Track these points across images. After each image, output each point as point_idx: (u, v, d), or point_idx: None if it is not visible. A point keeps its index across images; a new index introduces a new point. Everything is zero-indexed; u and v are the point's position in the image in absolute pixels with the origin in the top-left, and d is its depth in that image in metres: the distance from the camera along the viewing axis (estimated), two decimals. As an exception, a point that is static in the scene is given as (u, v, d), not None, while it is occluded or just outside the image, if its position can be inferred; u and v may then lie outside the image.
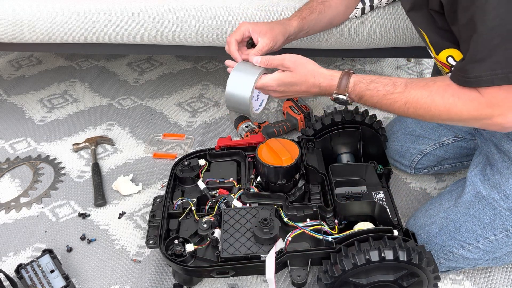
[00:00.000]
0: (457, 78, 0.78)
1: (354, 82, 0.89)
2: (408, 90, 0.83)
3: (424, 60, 1.79)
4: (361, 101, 0.89)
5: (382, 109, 0.89)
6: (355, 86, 0.89)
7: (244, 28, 1.01)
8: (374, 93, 0.87)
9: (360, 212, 0.96)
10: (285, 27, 1.04)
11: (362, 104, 0.92)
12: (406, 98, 0.83)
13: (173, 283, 1.03)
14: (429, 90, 0.81)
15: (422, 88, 0.82)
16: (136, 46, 1.32)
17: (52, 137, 1.52)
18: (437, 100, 0.80)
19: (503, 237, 0.90)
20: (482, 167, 0.96)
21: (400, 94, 0.84)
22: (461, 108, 0.78)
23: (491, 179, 0.92)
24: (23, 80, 1.83)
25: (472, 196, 0.93)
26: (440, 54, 0.88)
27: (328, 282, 0.85)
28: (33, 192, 1.32)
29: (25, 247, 1.15)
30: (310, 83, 0.92)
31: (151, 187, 1.31)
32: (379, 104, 0.87)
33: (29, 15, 1.27)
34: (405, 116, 0.88)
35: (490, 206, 0.90)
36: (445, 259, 0.96)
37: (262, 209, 0.97)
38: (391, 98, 0.85)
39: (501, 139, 0.93)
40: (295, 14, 1.08)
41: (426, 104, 0.81)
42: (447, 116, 0.81)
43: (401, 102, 0.84)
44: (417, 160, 1.22)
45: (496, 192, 0.90)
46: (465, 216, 0.93)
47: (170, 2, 1.22)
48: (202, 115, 1.58)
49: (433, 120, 0.85)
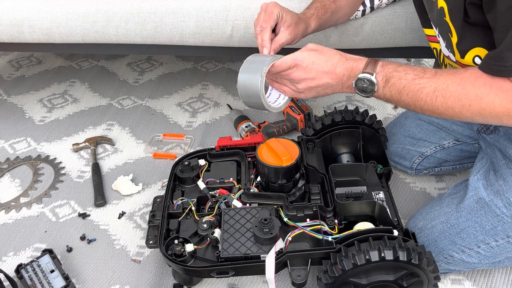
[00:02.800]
0: (489, 67, 0.73)
1: (382, 63, 0.83)
2: (438, 77, 0.78)
3: (424, 60, 1.79)
4: (388, 84, 0.82)
5: (408, 98, 0.80)
6: (383, 67, 0.82)
7: (277, 12, 0.93)
8: (403, 75, 0.80)
9: (360, 212, 0.96)
10: (306, 26, 0.99)
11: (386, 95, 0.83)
12: (435, 84, 0.77)
13: (173, 283, 1.03)
14: (459, 77, 0.76)
15: (452, 75, 0.77)
16: (136, 46, 1.32)
17: (52, 137, 1.52)
18: (468, 88, 0.75)
19: (504, 243, 0.89)
20: (485, 171, 0.94)
21: (429, 80, 0.78)
22: (493, 99, 0.73)
23: (494, 185, 0.90)
24: (23, 80, 1.83)
25: (474, 201, 0.91)
26: (467, 55, 0.83)
27: (328, 282, 0.85)
28: (33, 192, 1.32)
29: (25, 247, 1.15)
30: (336, 61, 0.84)
31: (151, 187, 1.31)
32: (406, 90, 0.80)
33: (29, 15, 1.27)
34: (432, 111, 0.80)
35: (492, 213, 0.89)
36: (445, 263, 0.96)
37: (262, 209, 0.97)
38: (420, 83, 0.78)
39: (506, 145, 0.92)
40: (313, 13, 1.03)
41: (456, 92, 0.75)
42: (478, 107, 0.74)
43: (430, 88, 0.78)
44: (418, 162, 1.22)
45: (499, 199, 0.88)
46: (467, 222, 0.91)
47: (170, 2, 1.22)
48: (202, 115, 1.58)
49: (462, 115, 0.77)
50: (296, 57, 0.84)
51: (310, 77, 0.85)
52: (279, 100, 0.95)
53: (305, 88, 0.87)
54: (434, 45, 0.98)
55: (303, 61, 0.84)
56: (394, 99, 0.82)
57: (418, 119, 1.20)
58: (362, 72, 0.82)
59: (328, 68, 0.84)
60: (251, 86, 0.85)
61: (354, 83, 0.83)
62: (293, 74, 0.85)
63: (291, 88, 0.89)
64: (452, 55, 0.87)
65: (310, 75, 0.85)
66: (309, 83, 0.86)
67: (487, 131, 1.00)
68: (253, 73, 0.85)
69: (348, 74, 0.84)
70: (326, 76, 0.84)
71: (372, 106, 1.58)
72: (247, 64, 0.87)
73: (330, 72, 0.84)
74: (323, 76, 0.84)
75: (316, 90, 0.87)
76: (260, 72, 0.84)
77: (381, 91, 0.83)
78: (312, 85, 0.86)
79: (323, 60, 0.84)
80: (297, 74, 0.85)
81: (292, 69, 0.85)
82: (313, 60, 0.84)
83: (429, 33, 0.99)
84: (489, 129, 0.99)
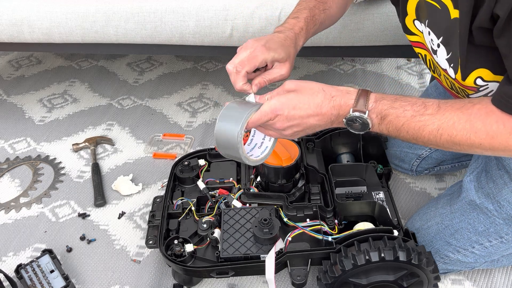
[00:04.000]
0: (502, 103, 0.66)
1: (376, 97, 0.74)
2: (442, 113, 0.70)
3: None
4: (384, 123, 0.74)
5: (408, 135, 0.73)
6: (376, 102, 0.73)
7: (262, 58, 0.81)
8: (401, 112, 0.72)
9: (360, 212, 0.96)
10: (295, 48, 0.88)
11: (382, 131, 0.75)
12: (439, 122, 0.70)
13: (173, 283, 1.03)
14: (467, 114, 0.68)
15: (458, 110, 0.69)
16: (135, 46, 1.32)
17: (52, 137, 1.52)
18: (477, 126, 0.68)
19: (498, 243, 0.89)
20: (478, 172, 0.94)
21: (431, 117, 0.70)
22: (507, 138, 0.66)
23: (485, 188, 0.89)
24: (23, 80, 1.83)
25: (466, 203, 0.92)
26: (468, 77, 0.76)
27: (328, 282, 0.85)
28: (33, 192, 1.31)
29: (25, 247, 1.15)
30: (320, 99, 0.75)
31: (151, 187, 1.31)
32: (405, 128, 0.73)
33: (28, 15, 1.27)
34: (436, 146, 0.73)
35: (484, 215, 0.89)
36: (442, 262, 0.96)
37: (262, 209, 0.97)
38: (421, 121, 0.71)
39: None
40: (302, 27, 0.90)
41: (464, 130, 0.68)
42: (489, 146, 0.68)
43: (433, 126, 0.70)
44: (416, 164, 1.22)
45: (490, 202, 0.88)
46: (460, 223, 0.92)
47: (170, 2, 1.22)
48: (202, 115, 1.58)
49: (471, 151, 0.71)
50: (275, 107, 0.75)
51: (295, 123, 0.76)
52: (265, 142, 0.86)
53: (291, 134, 0.79)
54: (419, 50, 0.91)
55: (282, 109, 0.75)
56: (392, 135, 0.76)
57: None
58: (353, 110, 0.74)
59: (313, 111, 0.75)
60: (230, 140, 0.77)
61: (345, 122, 0.76)
62: (275, 124, 0.77)
63: (276, 133, 0.81)
64: (453, 71, 0.79)
65: (294, 122, 0.76)
66: (294, 129, 0.78)
67: None
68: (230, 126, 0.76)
69: (337, 113, 0.76)
70: (311, 119, 0.76)
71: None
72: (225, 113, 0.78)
73: (316, 114, 0.76)
74: (308, 119, 0.76)
75: (304, 132, 0.79)
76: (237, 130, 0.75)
77: (376, 128, 0.76)
78: (298, 130, 0.78)
79: (305, 102, 0.75)
80: (280, 124, 0.77)
81: (273, 120, 0.76)
82: (294, 105, 0.75)
83: (413, 39, 0.91)
84: None
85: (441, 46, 0.79)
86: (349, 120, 0.75)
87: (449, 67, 0.79)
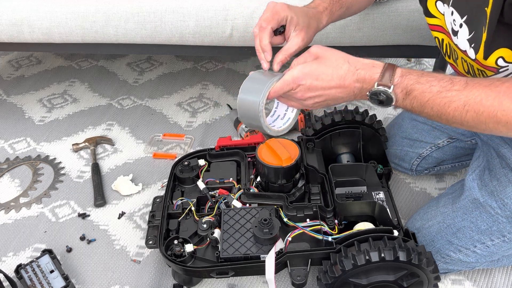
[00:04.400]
0: None
1: (402, 72, 0.73)
2: (469, 89, 0.69)
3: (424, 60, 1.79)
4: (409, 98, 0.73)
5: (432, 111, 0.72)
6: (402, 77, 0.72)
7: (284, 15, 0.82)
8: (427, 88, 0.71)
9: (360, 212, 0.96)
10: (317, 24, 0.88)
11: (406, 107, 0.74)
12: (466, 98, 0.68)
13: (173, 283, 1.03)
14: (496, 91, 0.67)
15: (486, 88, 0.68)
16: (135, 46, 1.32)
17: (52, 137, 1.52)
18: (506, 104, 0.66)
19: (500, 242, 0.89)
20: (481, 171, 0.94)
21: (458, 93, 0.69)
22: None
23: (489, 186, 0.89)
24: (22, 80, 1.83)
25: (469, 202, 0.91)
26: (490, 56, 0.74)
27: (328, 283, 0.85)
28: (33, 192, 1.31)
29: (25, 247, 1.15)
30: (344, 71, 0.74)
31: (151, 187, 1.31)
32: (430, 104, 0.71)
33: (28, 15, 1.27)
34: (460, 124, 0.72)
35: (487, 213, 0.89)
36: (443, 262, 0.96)
37: (262, 209, 0.97)
38: (447, 97, 0.70)
39: (498, 143, 0.91)
40: (326, 7, 0.91)
41: (492, 107, 0.67)
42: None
43: (459, 102, 0.69)
44: (416, 164, 1.22)
45: (493, 200, 0.88)
46: (462, 222, 0.92)
47: (170, 2, 1.22)
48: (202, 115, 1.58)
49: (497, 130, 0.69)
50: (297, 76, 0.76)
51: (317, 94, 0.77)
52: (287, 113, 0.89)
53: (312, 104, 0.79)
54: (437, 34, 0.90)
55: (305, 79, 0.75)
56: (416, 111, 0.75)
57: (413, 119, 1.20)
58: (378, 84, 0.73)
59: (336, 82, 0.75)
60: (252, 110, 0.79)
61: (369, 95, 0.75)
62: (297, 94, 0.78)
63: (298, 103, 0.82)
64: (473, 51, 0.77)
65: (316, 92, 0.77)
66: (316, 100, 0.78)
67: None
68: (252, 97, 0.78)
69: (360, 87, 0.75)
70: (334, 91, 0.76)
71: (372, 106, 1.57)
72: (248, 84, 0.80)
73: (339, 86, 0.75)
74: (330, 91, 0.76)
75: (326, 103, 0.79)
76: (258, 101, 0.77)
77: (400, 103, 0.75)
78: (320, 101, 0.78)
79: (329, 72, 0.75)
80: (302, 94, 0.78)
81: (295, 90, 0.77)
82: (317, 76, 0.75)
83: (432, 22, 0.89)
84: None
85: (464, 26, 0.77)
86: (373, 94, 0.74)
87: (469, 48, 0.77)
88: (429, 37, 1.20)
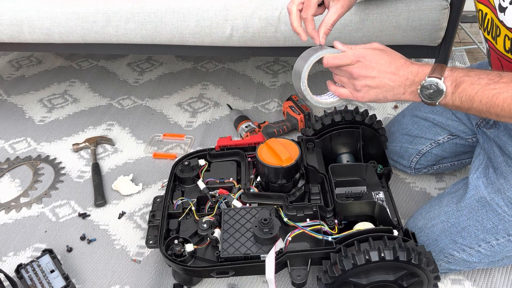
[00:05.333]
0: None
1: (451, 68, 0.76)
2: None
3: (424, 60, 1.79)
4: (458, 90, 0.75)
5: (481, 105, 0.73)
6: (452, 71, 0.75)
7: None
8: (475, 80, 0.73)
9: (360, 212, 0.96)
10: None
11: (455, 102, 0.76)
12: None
13: (173, 283, 1.03)
14: None
15: None
16: (136, 46, 1.32)
17: (52, 137, 1.52)
18: None
19: (505, 241, 0.89)
20: (484, 168, 0.94)
21: (506, 85, 0.70)
22: None
23: (495, 184, 0.89)
24: (23, 80, 1.83)
25: (475, 200, 0.91)
26: None
27: (328, 282, 0.85)
28: (33, 192, 1.32)
29: (25, 247, 1.15)
30: (400, 63, 0.79)
31: (151, 187, 1.31)
32: (479, 96, 0.73)
33: (29, 15, 1.27)
34: (509, 116, 0.72)
35: (493, 211, 0.88)
36: (445, 262, 0.96)
37: (262, 209, 0.97)
38: (496, 88, 0.71)
39: (506, 142, 0.91)
40: None
41: None
42: None
43: (507, 94, 0.70)
44: (416, 161, 1.21)
45: (500, 198, 0.88)
46: (468, 220, 0.91)
47: (170, 2, 1.22)
48: (202, 115, 1.58)
49: None
50: (359, 53, 0.80)
51: (371, 75, 0.80)
52: (330, 97, 0.93)
53: (363, 86, 0.82)
54: (481, 7, 0.89)
55: (365, 58, 0.80)
56: (464, 106, 0.76)
57: (414, 116, 1.20)
58: (429, 76, 0.76)
59: (391, 70, 0.79)
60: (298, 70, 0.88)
61: (419, 89, 0.77)
62: (353, 69, 0.81)
63: (349, 86, 0.85)
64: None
65: (372, 73, 0.80)
66: (368, 82, 0.81)
67: (487, 125, 0.99)
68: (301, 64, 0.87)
69: (412, 79, 0.78)
70: (387, 77, 0.79)
71: (372, 106, 1.58)
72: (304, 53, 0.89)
73: (393, 73, 0.79)
74: (385, 76, 0.79)
75: (375, 92, 0.82)
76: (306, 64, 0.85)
77: (449, 98, 0.76)
78: (371, 85, 0.81)
79: (387, 60, 0.79)
80: (358, 70, 0.80)
81: (354, 65, 0.81)
82: (377, 59, 0.79)
83: None
84: (489, 123, 0.99)
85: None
86: (423, 87, 0.77)
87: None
88: (429, 37, 1.21)
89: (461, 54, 1.82)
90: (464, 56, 1.81)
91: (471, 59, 1.80)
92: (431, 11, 1.16)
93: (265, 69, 1.79)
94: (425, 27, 1.18)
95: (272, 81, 1.73)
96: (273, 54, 1.32)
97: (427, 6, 1.16)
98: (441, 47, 1.24)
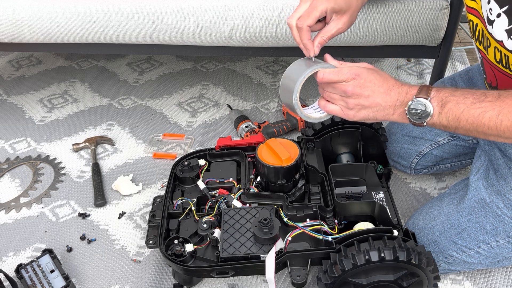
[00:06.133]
0: None
1: (436, 88, 0.77)
2: (502, 100, 0.71)
3: (424, 60, 1.79)
4: (444, 110, 0.76)
5: (467, 123, 0.74)
6: (438, 91, 0.76)
7: (322, 8, 0.83)
8: (461, 99, 0.74)
9: (360, 212, 0.96)
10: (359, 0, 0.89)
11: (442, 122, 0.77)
12: (499, 108, 0.70)
13: (173, 283, 1.03)
14: None
15: None
16: (136, 46, 1.32)
17: (52, 137, 1.52)
18: None
19: (504, 243, 0.89)
20: (485, 170, 0.94)
21: (492, 103, 0.71)
22: None
23: (495, 186, 0.89)
24: (23, 80, 1.83)
25: (475, 202, 0.91)
26: None
27: (328, 282, 0.85)
28: (33, 192, 1.32)
29: (25, 247, 1.15)
30: (391, 84, 0.79)
31: (151, 187, 1.31)
32: (465, 115, 0.73)
33: (29, 15, 1.27)
34: (497, 135, 0.73)
35: (493, 213, 0.88)
36: (445, 263, 0.96)
37: (262, 209, 0.97)
38: (481, 107, 0.72)
39: (506, 144, 0.91)
40: None
41: None
42: None
43: (492, 112, 0.71)
44: (416, 161, 1.21)
45: (500, 200, 0.88)
46: (468, 222, 0.91)
47: (170, 2, 1.22)
48: (202, 115, 1.58)
49: None
50: (354, 71, 0.80)
51: (365, 94, 0.80)
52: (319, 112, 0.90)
53: (356, 105, 0.81)
54: (472, 17, 0.89)
55: (360, 76, 0.79)
56: (452, 126, 0.76)
57: None
58: (416, 97, 0.77)
59: (384, 90, 0.79)
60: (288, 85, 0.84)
61: (407, 109, 0.78)
62: (348, 87, 0.80)
63: (340, 104, 0.83)
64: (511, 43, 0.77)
65: (365, 92, 0.79)
66: (361, 101, 0.80)
67: None
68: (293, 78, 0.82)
69: (402, 100, 0.79)
70: (380, 97, 0.79)
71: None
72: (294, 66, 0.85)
73: (385, 93, 0.79)
74: (378, 96, 0.79)
75: (366, 111, 0.81)
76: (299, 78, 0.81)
77: (436, 118, 0.77)
78: (364, 104, 0.80)
79: (380, 80, 0.80)
80: (352, 88, 0.80)
81: (348, 82, 0.80)
82: (371, 79, 0.80)
83: (470, 5, 0.89)
84: None
85: (502, 16, 0.77)
86: (410, 108, 0.77)
87: (507, 39, 0.78)
88: (429, 37, 1.21)
89: (461, 54, 1.82)
90: (464, 56, 1.81)
91: (471, 59, 1.80)
92: (431, 11, 1.16)
93: (265, 69, 1.79)
94: (425, 27, 1.18)
95: (272, 81, 1.73)
96: (273, 54, 1.32)
97: (427, 6, 1.16)
98: (441, 47, 1.24)
